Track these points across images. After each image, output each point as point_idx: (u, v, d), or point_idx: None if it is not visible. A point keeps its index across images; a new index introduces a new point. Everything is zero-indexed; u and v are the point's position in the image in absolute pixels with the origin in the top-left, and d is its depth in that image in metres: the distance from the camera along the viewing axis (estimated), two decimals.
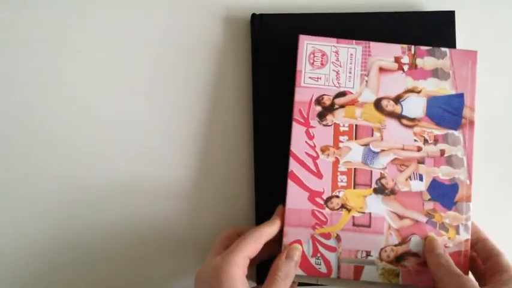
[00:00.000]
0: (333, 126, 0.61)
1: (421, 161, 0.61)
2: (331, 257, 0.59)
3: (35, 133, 0.65)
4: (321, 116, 0.61)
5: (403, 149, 0.61)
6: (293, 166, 0.60)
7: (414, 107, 0.61)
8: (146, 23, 0.67)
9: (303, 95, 0.61)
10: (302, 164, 0.60)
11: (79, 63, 0.66)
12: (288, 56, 0.62)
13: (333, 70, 0.62)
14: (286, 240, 0.59)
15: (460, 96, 0.61)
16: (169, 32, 0.66)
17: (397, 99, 0.61)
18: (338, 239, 0.59)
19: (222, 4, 0.67)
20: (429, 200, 0.60)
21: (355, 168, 0.60)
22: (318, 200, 0.60)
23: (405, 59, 0.62)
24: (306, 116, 0.61)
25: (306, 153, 0.60)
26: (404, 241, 0.60)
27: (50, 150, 0.65)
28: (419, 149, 0.61)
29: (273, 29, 0.64)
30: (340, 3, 0.67)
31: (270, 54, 0.64)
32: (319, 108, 0.61)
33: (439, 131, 0.61)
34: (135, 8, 0.67)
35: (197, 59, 0.66)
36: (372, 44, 0.62)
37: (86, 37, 0.66)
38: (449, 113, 0.61)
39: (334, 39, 0.62)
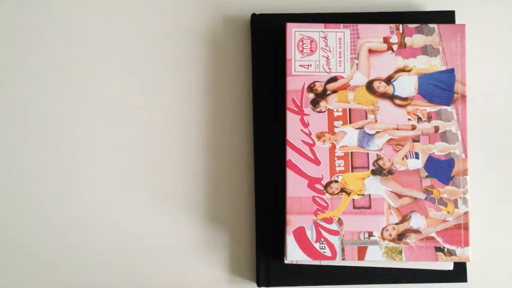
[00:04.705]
0: (326, 112, 0.61)
1: (416, 139, 0.61)
2: (334, 240, 0.61)
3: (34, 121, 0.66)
4: (314, 103, 0.61)
5: (397, 129, 0.61)
6: (290, 155, 0.61)
7: (406, 86, 0.61)
8: (145, 23, 0.67)
9: (294, 84, 0.61)
10: (299, 152, 0.61)
11: (76, 62, 0.66)
12: None
13: (323, 56, 0.62)
14: (289, 229, 0.60)
15: (451, 71, 0.61)
16: (169, 32, 0.66)
17: (388, 80, 0.62)
18: (340, 222, 0.61)
19: (222, 4, 0.66)
20: (426, 177, 0.61)
21: (351, 152, 0.61)
22: (317, 186, 0.61)
23: (394, 39, 0.62)
24: (299, 104, 0.61)
25: (302, 141, 0.61)
26: (404, 219, 0.61)
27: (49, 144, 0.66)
28: (413, 128, 0.61)
29: (273, 29, 0.64)
30: (340, 4, 0.66)
31: (270, 54, 0.64)
32: (311, 96, 0.61)
33: (432, 108, 0.61)
34: (134, 8, 0.67)
35: (197, 58, 0.66)
36: (360, 26, 0.62)
37: (85, 37, 0.66)
38: (441, 89, 0.61)
39: (322, 25, 0.62)
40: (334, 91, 0.61)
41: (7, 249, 0.66)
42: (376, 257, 0.60)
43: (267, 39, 0.64)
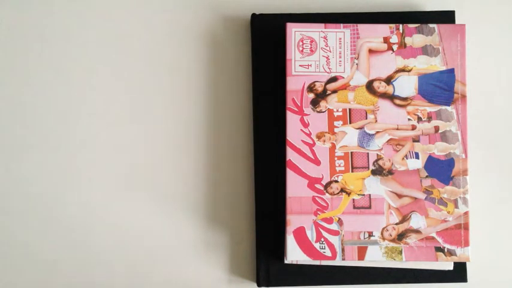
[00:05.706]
0: (326, 112, 0.61)
1: (416, 139, 0.61)
2: (334, 240, 0.61)
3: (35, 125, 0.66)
4: (314, 103, 0.61)
5: (397, 129, 0.61)
6: (290, 155, 0.61)
7: (406, 86, 0.61)
8: (145, 23, 0.67)
9: (294, 84, 0.61)
10: (299, 152, 0.61)
11: (76, 62, 0.66)
12: None
13: (323, 56, 0.62)
14: (289, 229, 0.60)
15: (451, 71, 0.61)
16: (169, 32, 0.66)
17: (388, 80, 0.62)
18: (340, 222, 0.61)
19: (222, 4, 0.66)
20: (426, 177, 0.61)
21: (351, 152, 0.61)
22: (317, 186, 0.61)
23: (394, 39, 0.62)
24: (299, 104, 0.61)
25: (302, 141, 0.61)
26: (404, 219, 0.61)
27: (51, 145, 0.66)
28: (413, 128, 0.61)
29: (273, 29, 0.64)
30: (340, 4, 0.66)
31: (270, 54, 0.64)
32: (312, 96, 0.61)
33: (432, 108, 0.61)
34: (134, 8, 0.67)
35: (197, 58, 0.66)
36: (360, 26, 0.62)
37: (85, 37, 0.66)
38: (441, 89, 0.61)
39: (322, 25, 0.62)
40: (334, 91, 0.61)
41: (7, 249, 0.66)
42: (376, 257, 0.60)
43: (267, 39, 0.64)
